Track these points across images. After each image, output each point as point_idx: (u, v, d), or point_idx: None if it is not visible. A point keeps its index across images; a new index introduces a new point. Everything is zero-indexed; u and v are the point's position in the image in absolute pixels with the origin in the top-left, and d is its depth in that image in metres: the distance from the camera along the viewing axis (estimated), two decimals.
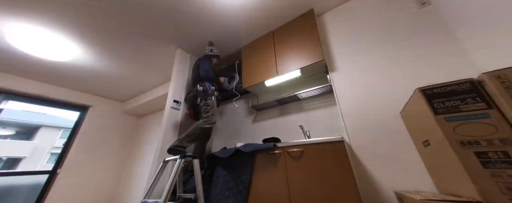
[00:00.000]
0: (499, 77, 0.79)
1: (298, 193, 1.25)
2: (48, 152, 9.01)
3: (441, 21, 1.43)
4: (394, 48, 1.56)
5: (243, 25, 2.24)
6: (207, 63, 2.20)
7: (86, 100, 3.69)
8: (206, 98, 1.95)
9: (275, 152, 1.46)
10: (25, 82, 3.05)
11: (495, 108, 0.79)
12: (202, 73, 2.11)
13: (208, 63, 2.21)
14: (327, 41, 1.97)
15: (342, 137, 1.26)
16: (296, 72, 1.91)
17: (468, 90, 0.85)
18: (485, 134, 0.77)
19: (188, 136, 1.72)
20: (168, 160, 1.61)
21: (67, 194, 3.12)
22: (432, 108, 0.89)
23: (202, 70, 2.13)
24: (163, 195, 1.26)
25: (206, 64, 2.18)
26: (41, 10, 1.92)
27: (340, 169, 1.17)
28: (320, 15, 2.15)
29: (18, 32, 2.17)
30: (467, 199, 0.77)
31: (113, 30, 2.23)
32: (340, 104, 1.65)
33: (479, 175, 0.74)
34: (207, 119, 1.84)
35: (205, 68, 2.14)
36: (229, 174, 1.59)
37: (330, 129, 1.77)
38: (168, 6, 1.94)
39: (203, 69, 2.13)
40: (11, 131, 8.86)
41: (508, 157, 0.72)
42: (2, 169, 7.27)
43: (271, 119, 2.26)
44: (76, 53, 2.57)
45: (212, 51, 2.35)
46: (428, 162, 1.15)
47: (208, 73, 2.12)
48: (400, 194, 1.12)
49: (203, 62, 2.21)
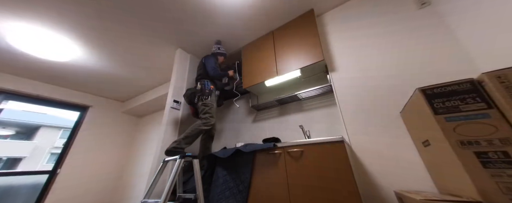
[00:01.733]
0: (499, 77, 0.79)
1: (298, 193, 1.25)
2: (48, 152, 9.01)
3: (441, 21, 1.43)
4: (394, 48, 1.56)
5: (243, 25, 2.24)
6: (212, 61, 2.17)
7: (86, 100, 3.69)
8: (203, 98, 1.92)
9: (275, 152, 1.46)
10: (25, 82, 3.05)
11: (495, 108, 0.79)
12: (210, 72, 2.09)
13: (213, 61, 2.17)
14: (327, 41, 1.97)
15: (342, 137, 1.26)
16: (296, 72, 1.91)
17: (468, 90, 0.85)
18: (485, 134, 0.77)
19: (186, 138, 1.71)
20: (168, 160, 1.61)
21: (67, 194, 3.11)
22: (432, 108, 0.89)
23: (209, 69, 2.10)
24: (163, 195, 1.26)
25: (211, 62, 2.14)
26: (42, 10, 1.92)
27: (340, 169, 1.17)
28: (320, 15, 2.15)
29: (18, 32, 2.17)
30: (467, 199, 0.77)
31: (113, 30, 2.23)
32: (340, 104, 1.65)
33: (479, 175, 0.74)
34: (206, 121, 1.82)
35: (211, 66, 2.11)
36: (229, 174, 1.59)
37: (330, 129, 1.78)
38: (168, 6, 1.94)
39: (210, 68, 2.10)
40: (11, 131, 8.86)
41: (508, 157, 0.72)
42: (2, 169, 7.28)
43: (271, 119, 2.26)
44: (76, 53, 2.57)
45: (220, 49, 2.34)
46: (428, 162, 1.15)
47: (215, 70, 2.09)
48: (400, 194, 1.12)
49: (208, 60, 2.17)
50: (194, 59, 2.71)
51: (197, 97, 1.96)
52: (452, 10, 1.38)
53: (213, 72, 2.09)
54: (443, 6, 1.44)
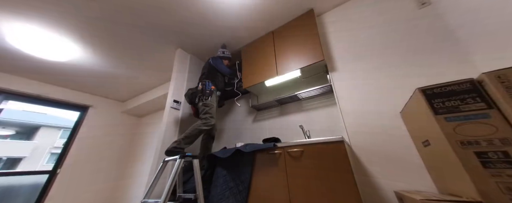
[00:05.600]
0: (499, 77, 0.79)
1: (298, 193, 1.25)
2: (48, 152, 9.00)
3: (441, 21, 1.43)
4: (394, 48, 1.56)
5: (243, 25, 2.24)
6: (221, 61, 2.28)
7: (86, 100, 3.69)
8: (204, 98, 1.93)
9: (275, 152, 1.46)
10: (25, 82, 3.05)
11: (495, 108, 0.79)
12: (225, 71, 2.25)
13: (221, 62, 2.28)
14: (327, 41, 1.97)
15: (342, 137, 1.26)
16: (296, 72, 1.91)
17: (468, 90, 0.85)
18: (485, 134, 0.77)
19: (186, 138, 1.71)
20: (168, 160, 1.61)
21: (67, 194, 3.11)
22: (432, 108, 0.89)
23: (223, 69, 2.23)
24: (163, 195, 1.26)
25: (221, 64, 2.25)
26: (42, 10, 1.92)
27: (340, 169, 1.17)
28: (320, 15, 2.15)
29: (18, 33, 2.17)
30: (467, 199, 0.77)
31: (113, 30, 2.23)
32: (340, 104, 1.65)
33: (479, 175, 0.74)
34: (205, 121, 1.82)
35: (221, 67, 2.23)
36: (229, 174, 1.59)
37: (330, 129, 1.77)
38: (168, 6, 1.94)
39: (221, 69, 2.22)
40: (11, 131, 8.85)
41: (508, 157, 0.72)
42: (2, 169, 7.27)
43: (271, 119, 2.26)
44: (76, 53, 2.57)
45: (224, 53, 2.39)
46: (428, 162, 1.15)
47: (225, 70, 2.25)
48: (400, 194, 1.12)
49: (216, 61, 2.24)
50: (194, 59, 2.71)
51: (198, 98, 1.96)
52: (452, 10, 1.38)
53: (226, 70, 2.26)
54: (443, 6, 1.44)
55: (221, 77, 2.26)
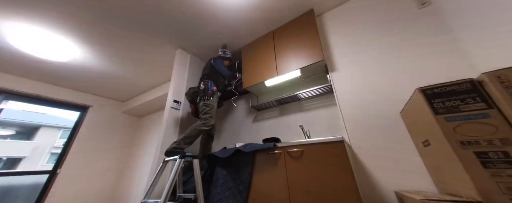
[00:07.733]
0: (499, 77, 0.79)
1: (298, 193, 1.25)
2: (48, 152, 9.00)
3: (441, 21, 1.43)
4: (394, 48, 1.56)
5: (243, 25, 2.24)
6: (222, 62, 2.28)
7: (86, 100, 3.69)
8: (205, 99, 1.94)
9: (275, 152, 1.46)
10: (25, 82, 3.05)
11: (495, 108, 0.79)
12: (226, 73, 2.24)
13: (222, 63, 2.28)
14: (327, 41, 1.97)
15: (342, 137, 1.26)
16: (296, 72, 1.91)
17: (468, 90, 0.85)
18: (485, 134, 0.77)
19: (186, 138, 1.71)
20: (168, 160, 1.61)
21: (67, 194, 3.11)
22: (432, 108, 0.89)
23: (224, 72, 2.23)
24: (163, 195, 1.26)
25: (222, 65, 2.25)
26: (42, 11, 1.92)
27: (340, 169, 1.17)
28: (320, 15, 2.15)
29: (18, 32, 2.17)
30: (467, 199, 0.77)
31: (114, 30, 2.23)
32: (340, 104, 1.65)
33: (479, 175, 0.74)
34: (205, 121, 1.82)
35: (223, 69, 2.23)
36: (229, 174, 1.59)
37: (330, 129, 1.77)
38: (168, 6, 1.94)
39: (223, 71, 2.23)
40: (11, 131, 8.85)
41: (508, 157, 0.72)
42: (2, 169, 7.27)
43: (271, 119, 2.26)
44: (76, 53, 2.57)
45: (225, 54, 2.39)
46: (428, 162, 1.14)
47: (226, 72, 2.25)
48: (400, 194, 1.12)
49: (217, 62, 2.24)
50: (194, 59, 2.71)
51: (199, 97, 1.96)
52: (452, 10, 1.38)
53: (227, 73, 2.25)
54: (443, 6, 1.44)
55: (222, 78, 2.26)
